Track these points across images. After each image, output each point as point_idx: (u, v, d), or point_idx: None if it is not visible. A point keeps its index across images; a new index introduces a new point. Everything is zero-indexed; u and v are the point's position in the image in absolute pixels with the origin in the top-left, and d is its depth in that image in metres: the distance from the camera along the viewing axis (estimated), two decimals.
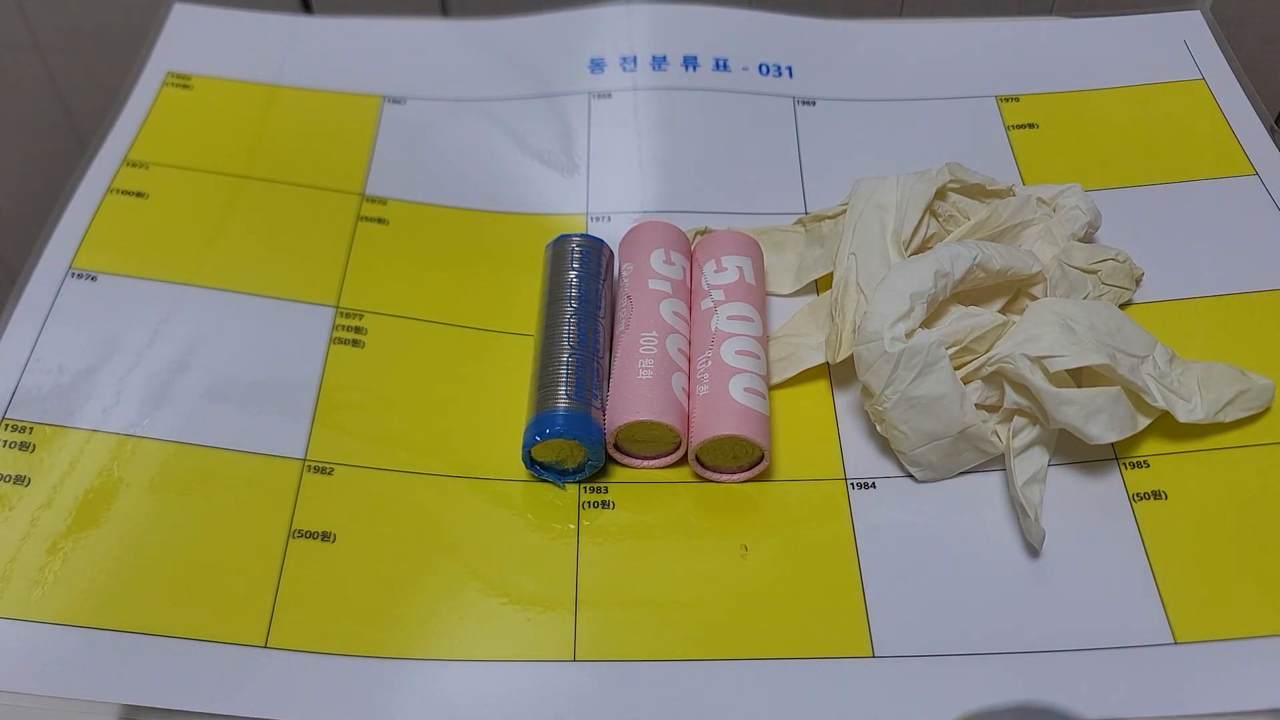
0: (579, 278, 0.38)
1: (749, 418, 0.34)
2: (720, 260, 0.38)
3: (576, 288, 0.37)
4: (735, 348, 0.36)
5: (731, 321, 0.37)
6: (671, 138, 0.45)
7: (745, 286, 0.38)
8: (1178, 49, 0.48)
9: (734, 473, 0.35)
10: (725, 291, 0.37)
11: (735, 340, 0.36)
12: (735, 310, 0.37)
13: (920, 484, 0.35)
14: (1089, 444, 0.34)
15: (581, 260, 0.38)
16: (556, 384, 0.35)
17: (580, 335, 0.36)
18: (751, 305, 0.37)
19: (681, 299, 0.38)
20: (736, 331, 0.36)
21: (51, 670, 0.31)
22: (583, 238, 0.39)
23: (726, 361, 0.35)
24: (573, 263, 0.38)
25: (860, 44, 0.49)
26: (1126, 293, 0.39)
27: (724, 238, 0.39)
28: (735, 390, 0.35)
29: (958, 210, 0.39)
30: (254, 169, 0.43)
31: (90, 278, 0.39)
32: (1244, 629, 0.32)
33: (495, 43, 0.48)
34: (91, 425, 0.36)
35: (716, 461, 0.35)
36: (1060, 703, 0.30)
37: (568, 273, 0.38)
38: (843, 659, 0.32)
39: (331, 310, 0.39)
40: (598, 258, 0.39)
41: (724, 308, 0.37)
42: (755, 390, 0.35)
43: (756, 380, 0.35)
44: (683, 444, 0.35)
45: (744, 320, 0.37)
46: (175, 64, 0.47)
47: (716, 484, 0.35)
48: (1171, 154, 0.44)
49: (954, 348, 0.35)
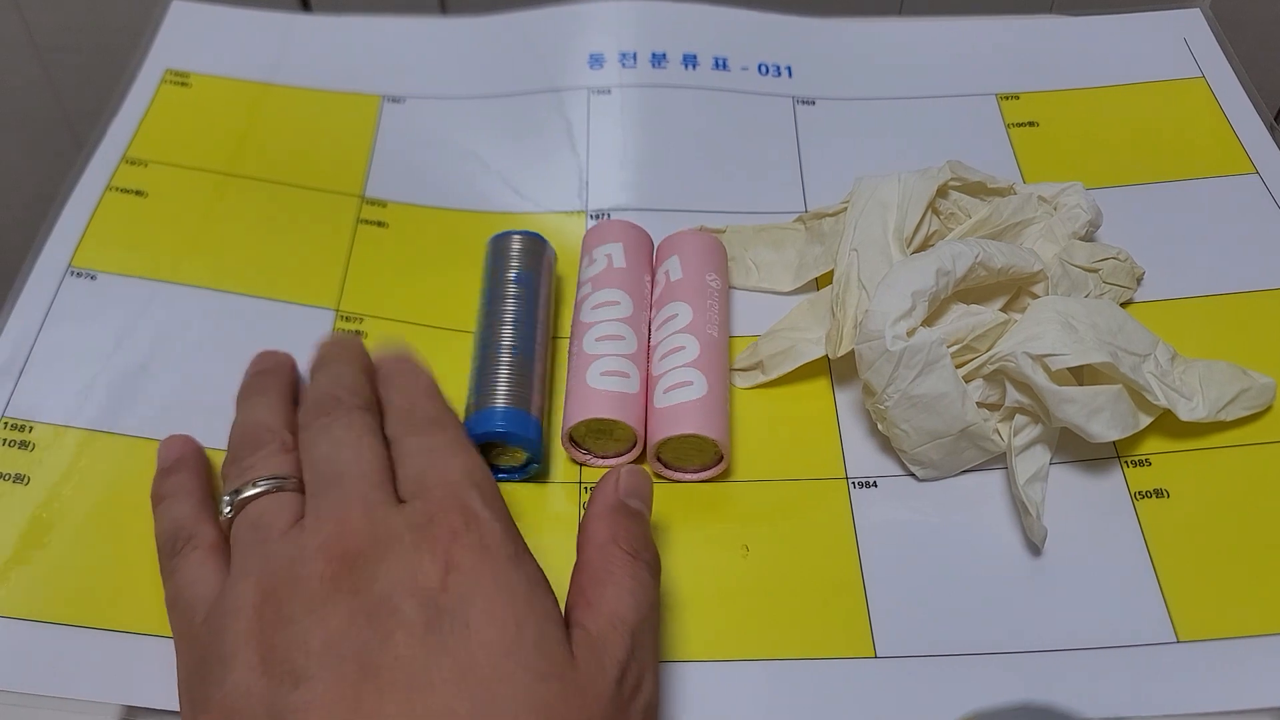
0: (517, 276, 0.38)
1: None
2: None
3: (515, 285, 0.38)
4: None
5: (595, 310, 0.37)
6: (671, 136, 0.45)
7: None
8: (1178, 47, 0.48)
9: (700, 470, 0.35)
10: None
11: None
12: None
13: (922, 483, 0.35)
14: (1091, 442, 0.33)
15: (522, 259, 0.38)
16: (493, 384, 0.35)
17: (515, 335, 0.36)
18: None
19: (611, 287, 0.38)
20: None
21: (52, 670, 0.31)
22: (524, 235, 0.39)
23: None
24: (511, 261, 0.38)
25: (860, 43, 0.49)
26: (1128, 291, 0.39)
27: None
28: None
29: (959, 208, 0.39)
30: (252, 168, 0.43)
31: (89, 276, 0.39)
32: (1247, 627, 0.32)
33: (494, 39, 0.48)
34: (90, 424, 0.35)
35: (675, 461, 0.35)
36: (1062, 702, 0.30)
37: (507, 271, 0.38)
38: (845, 659, 0.31)
39: (332, 313, 0.39)
40: (539, 256, 0.39)
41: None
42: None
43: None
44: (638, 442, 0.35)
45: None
46: (174, 61, 0.47)
47: (718, 485, 0.35)
48: (1172, 152, 0.44)
49: (955, 346, 0.35)
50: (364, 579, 0.26)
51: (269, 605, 0.27)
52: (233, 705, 0.25)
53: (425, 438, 0.30)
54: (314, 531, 0.28)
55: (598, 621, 0.27)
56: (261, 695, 0.25)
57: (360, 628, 0.25)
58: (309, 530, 0.28)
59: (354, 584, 0.26)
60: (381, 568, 0.26)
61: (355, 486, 0.29)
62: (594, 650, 0.26)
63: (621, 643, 0.27)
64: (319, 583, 0.26)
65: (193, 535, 0.31)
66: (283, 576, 0.27)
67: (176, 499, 0.32)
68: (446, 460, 0.30)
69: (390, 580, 0.26)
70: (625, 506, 0.30)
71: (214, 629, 0.27)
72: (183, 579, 0.30)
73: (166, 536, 0.31)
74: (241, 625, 0.26)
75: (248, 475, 0.30)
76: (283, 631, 0.26)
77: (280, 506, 0.29)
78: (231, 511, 0.30)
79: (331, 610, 0.26)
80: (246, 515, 0.29)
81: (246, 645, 0.26)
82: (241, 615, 0.27)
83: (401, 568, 0.26)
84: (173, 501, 0.32)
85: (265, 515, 0.29)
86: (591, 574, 0.29)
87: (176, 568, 0.30)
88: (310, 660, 0.25)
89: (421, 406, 0.32)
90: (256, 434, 0.32)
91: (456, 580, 0.26)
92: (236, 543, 0.29)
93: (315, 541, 0.27)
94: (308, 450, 0.30)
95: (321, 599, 0.26)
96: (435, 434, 0.31)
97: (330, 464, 0.29)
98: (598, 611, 0.28)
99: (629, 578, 0.28)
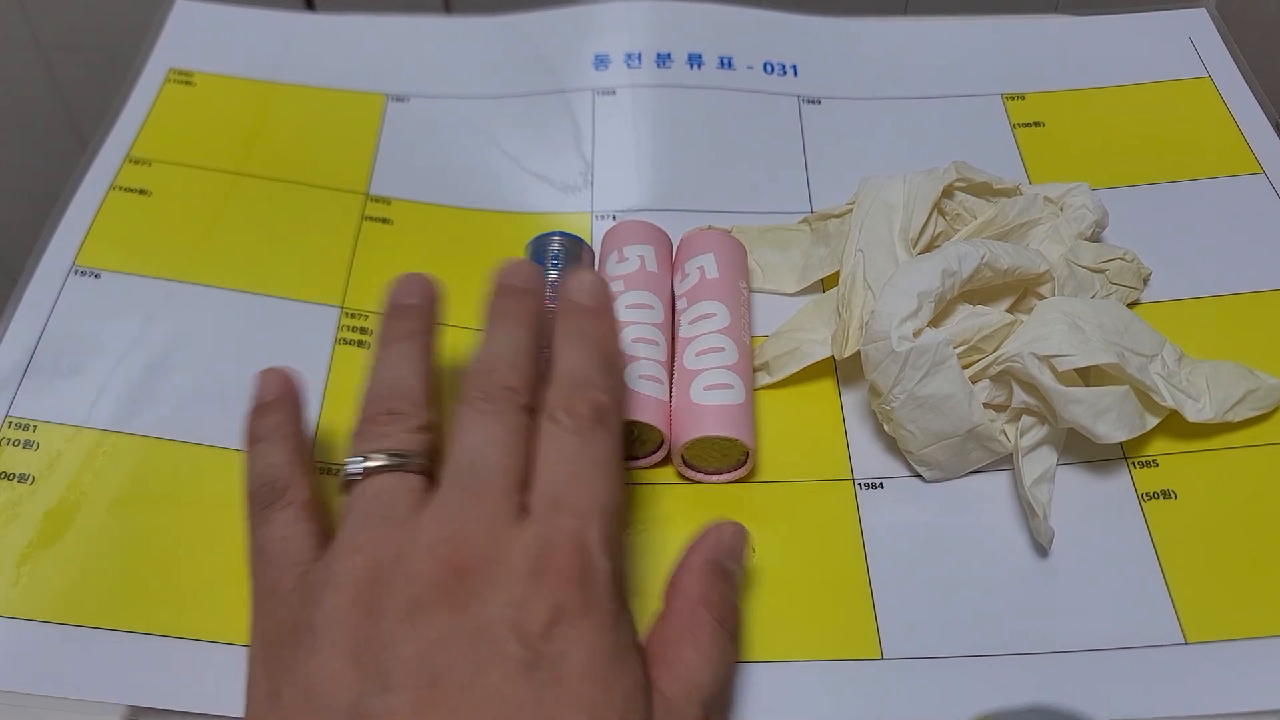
0: (560, 278, 0.38)
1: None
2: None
3: (555, 288, 0.37)
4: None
5: (630, 310, 0.37)
6: (676, 136, 0.45)
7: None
8: (1183, 47, 0.48)
9: (719, 473, 0.35)
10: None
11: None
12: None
13: (928, 484, 0.35)
14: (1097, 443, 0.33)
15: (562, 260, 0.38)
16: None
17: None
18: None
19: (644, 289, 0.37)
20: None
21: (59, 670, 0.31)
22: (563, 236, 0.39)
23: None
24: (554, 262, 0.38)
25: (865, 43, 0.49)
26: (1134, 292, 0.39)
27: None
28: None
29: (964, 209, 0.39)
30: (257, 167, 0.43)
31: (94, 275, 0.39)
32: (1255, 629, 0.31)
33: (499, 39, 0.48)
34: (94, 424, 0.35)
35: (695, 460, 0.35)
36: (1070, 704, 0.30)
37: (547, 273, 0.38)
38: (851, 661, 0.31)
39: (337, 311, 0.39)
40: (578, 257, 0.39)
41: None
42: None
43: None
44: (663, 444, 0.35)
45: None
46: (178, 60, 0.47)
47: (721, 485, 0.35)
48: (1178, 152, 0.44)
49: (962, 347, 0.34)
50: (472, 597, 0.26)
51: (371, 591, 0.26)
52: (315, 684, 0.25)
53: (579, 437, 0.29)
54: (431, 529, 0.27)
55: (674, 686, 0.27)
56: (348, 684, 0.25)
57: (456, 649, 0.25)
58: (427, 525, 0.27)
59: (460, 599, 0.26)
60: (489, 590, 0.26)
61: (488, 493, 0.28)
62: (668, 717, 0.26)
63: (693, 714, 0.27)
64: (425, 586, 0.26)
65: (289, 488, 0.30)
66: (391, 566, 0.26)
67: (273, 443, 0.31)
68: (590, 481, 0.28)
69: (496, 608, 0.26)
70: (721, 567, 0.30)
71: (309, 597, 0.27)
72: (274, 533, 0.29)
73: (261, 483, 0.30)
74: (339, 604, 0.26)
75: (383, 443, 0.29)
76: (379, 626, 0.26)
77: (406, 489, 0.29)
78: (359, 475, 0.29)
79: (432, 620, 0.25)
80: (370, 485, 0.29)
81: (341, 626, 0.26)
82: (341, 593, 0.26)
83: (510, 599, 0.26)
84: (269, 445, 0.31)
85: (388, 493, 0.28)
86: (676, 632, 0.28)
87: (269, 519, 0.29)
88: (401, 667, 0.25)
89: (593, 386, 0.30)
90: (398, 399, 0.30)
91: (561, 630, 0.26)
92: (352, 511, 0.28)
93: (428, 540, 0.27)
94: (461, 430, 0.29)
95: (424, 604, 0.26)
96: (591, 436, 0.29)
97: (475, 459, 0.28)
98: (675, 676, 0.27)
99: (711, 646, 0.28)
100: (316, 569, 0.28)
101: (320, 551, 0.28)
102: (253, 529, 0.30)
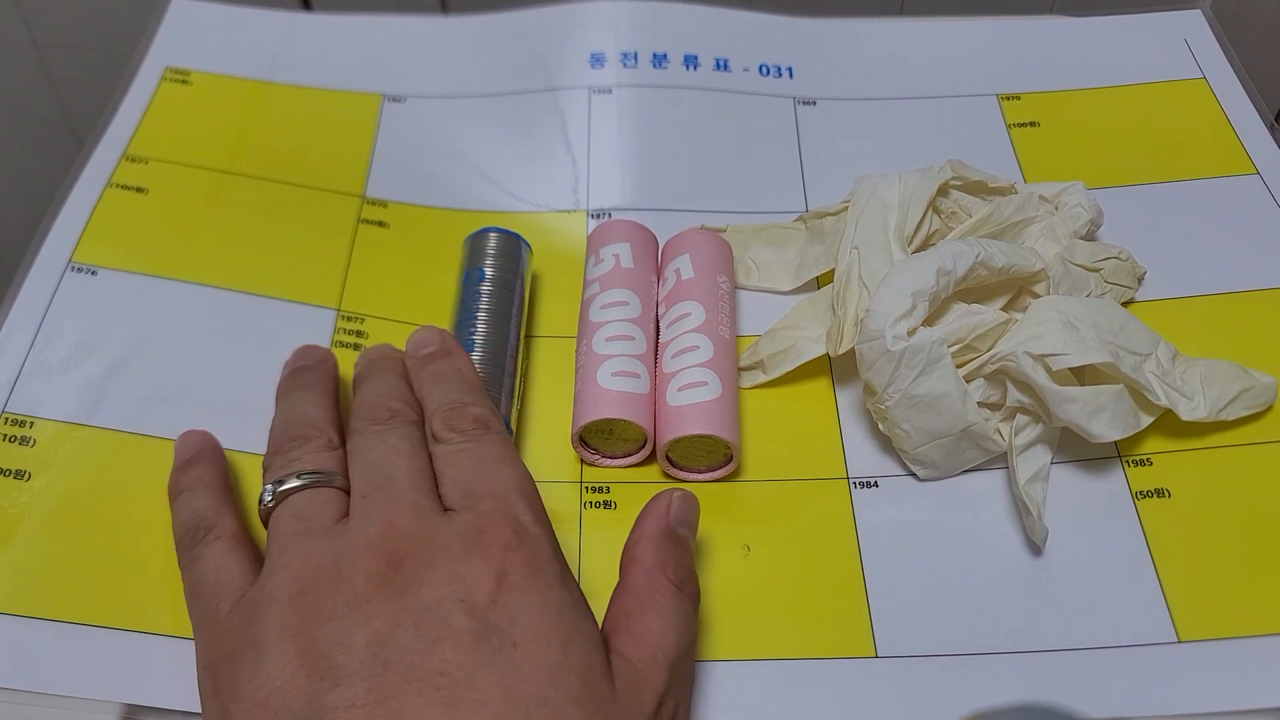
0: (494, 272, 0.38)
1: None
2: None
3: (487, 283, 0.37)
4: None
5: (604, 309, 0.37)
6: (672, 136, 0.45)
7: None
8: (1178, 48, 0.48)
9: (709, 470, 0.35)
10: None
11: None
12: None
13: (923, 483, 0.35)
14: (1092, 442, 0.33)
15: (498, 256, 0.38)
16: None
17: (486, 335, 0.36)
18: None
19: (619, 287, 0.37)
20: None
21: (51, 667, 0.31)
22: (499, 232, 0.39)
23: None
24: (490, 255, 0.38)
25: (861, 43, 0.49)
26: (1129, 291, 0.39)
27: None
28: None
29: (960, 207, 0.39)
30: (253, 167, 0.43)
31: (90, 272, 0.39)
32: (1248, 627, 0.31)
33: (495, 39, 0.48)
34: (90, 421, 0.35)
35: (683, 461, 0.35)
36: (1063, 702, 0.30)
37: (483, 269, 0.38)
38: (845, 659, 0.31)
39: (333, 313, 0.39)
40: (515, 255, 0.39)
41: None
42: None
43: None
44: (647, 442, 0.35)
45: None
46: (174, 59, 0.47)
47: (719, 485, 0.35)
48: (1172, 153, 0.44)
49: (956, 346, 0.35)
50: (411, 582, 0.26)
51: (308, 598, 0.26)
52: (266, 696, 0.25)
53: (473, 443, 0.30)
54: (361, 529, 0.28)
55: (639, 652, 0.27)
56: (300, 689, 0.25)
57: (406, 632, 0.25)
58: (355, 527, 0.28)
59: (400, 586, 0.26)
60: (430, 574, 0.26)
61: (405, 491, 0.28)
62: (634, 682, 0.26)
63: (661, 676, 0.27)
64: (364, 580, 0.26)
65: (214, 525, 0.30)
66: (326, 570, 0.27)
67: (196, 491, 0.32)
68: (496, 470, 0.29)
69: (439, 587, 0.26)
70: (674, 534, 0.30)
71: (246, 618, 0.27)
72: (205, 567, 0.29)
73: (186, 527, 0.31)
74: (278, 616, 0.26)
75: (292, 467, 0.30)
76: (324, 626, 0.26)
77: (324, 502, 0.29)
78: (273, 501, 0.29)
79: (376, 610, 0.26)
80: (288, 506, 0.29)
81: (283, 637, 0.26)
82: (278, 605, 0.26)
83: (451, 576, 0.26)
84: (192, 494, 0.32)
85: (308, 508, 0.29)
86: (635, 600, 0.29)
87: (198, 556, 0.30)
88: (352, 659, 0.25)
89: (466, 405, 0.32)
90: (302, 428, 0.32)
91: (507, 596, 0.26)
92: (275, 533, 0.29)
93: (363, 539, 0.27)
94: (359, 453, 0.30)
95: (366, 597, 0.26)
96: (482, 439, 0.30)
97: (382, 469, 0.29)
98: (639, 641, 0.27)
99: (673, 610, 0.28)
100: (251, 592, 0.28)
101: (254, 577, 0.29)
102: (185, 570, 0.30)
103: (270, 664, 0.25)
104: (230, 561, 0.29)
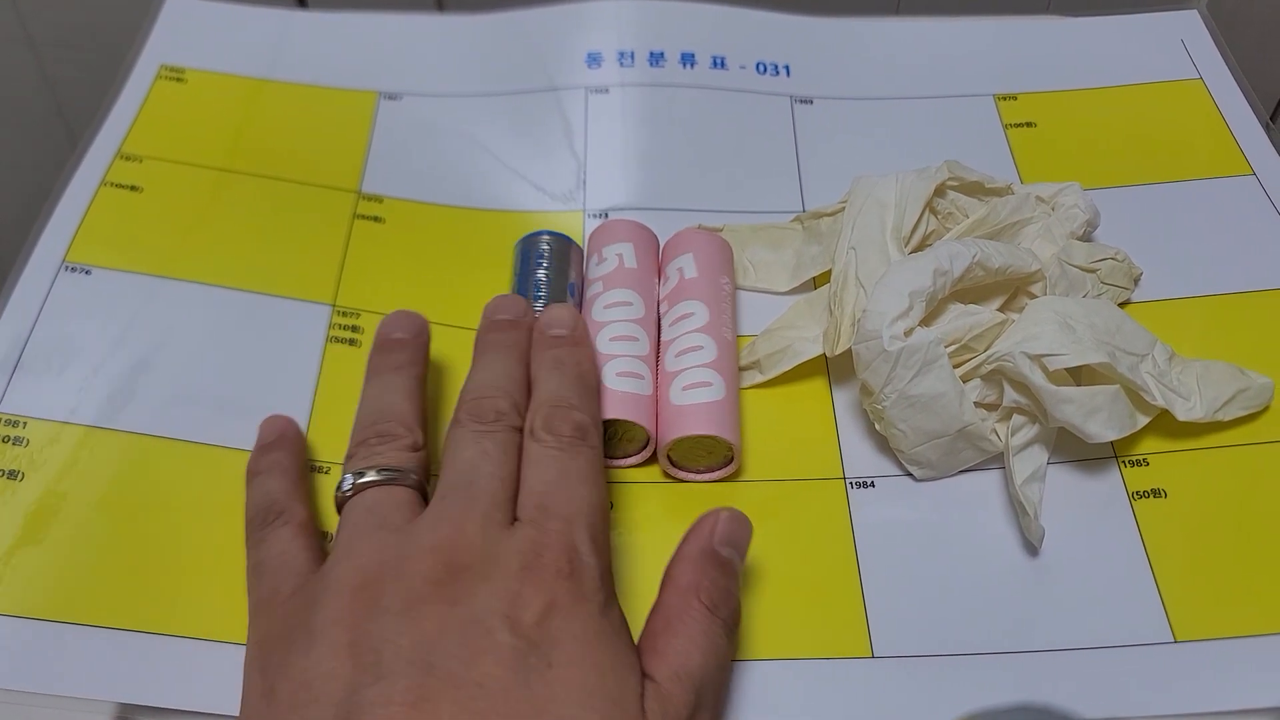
0: (548, 276, 0.38)
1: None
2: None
3: (544, 287, 0.37)
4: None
5: (608, 309, 0.37)
6: (669, 135, 0.45)
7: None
8: (1175, 48, 0.48)
9: (709, 470, 0.35)
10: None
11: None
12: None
13: (919, 483, 0.35)
14: (1088, 442, 0.33)
15: (550, 259, 0.38)
16: None
17: None
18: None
19: (622, 287, 0.37)
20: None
21: (47, 668, 0.30)
22: (552, 235, 0.39)
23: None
24: (540, 260, 0.38)
25: (858, 43, 0.49)
26: (1125, 291, 0.39)
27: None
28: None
29: (956, 208, 0.39)
30: (248, 164, 0.43)
31: (84, 271, 0.39)
32: (1244, 627, 0.32)
33: (492, 36, 0.48)
34: (85, 421, 0.35)
35: (683, 461, 0.35)
36: (1059, 702, 0.30)
37: (535, 271, 0.38)
38: (841, 659, 0.31)
39: (328, 309, 0.39)
40: (565, 256, 0.39)
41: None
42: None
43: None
44: (649, 442, 0.35)
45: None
46: (169, 57, 0.46)
47: (711, 484, 0.35)
48: (1169, 153, 0.44)
49: (953, 346, 0.35)
50: (465, 592, 0.27)
51: (368, 591, 0.27)
52: (312, 679, 0.26)
53: (564, 453, 0.30)
54: (430, 531, 0.28)
55: (662, 672, 0.27)
56: (344, 678, 0.25)
57: (452, 640, 0.26)
58: (425, 528, 0.28)
59: (454, 594, 0.27)
60: (484, 587, 0.27)
61: (481, 500, 0.29)
62: (660, 704, 0.27)
63: (684, 698, 0.27)
64: (422, 582, 0.27)
65: (285, 510, 0.31)
66: (389, 567, 0.27)
67: (272, 474, 0.33)
68: (575, 489, 0.29)
69: (490, 601, 0.26)
70: (716, 555, 0.30)
71: (307, 601, 0.28)
72: (271, 549, 0.30)
73: (258, 509, 0.32)
74: (337, 604, 0.27)
75: (374, 460, 0.31)
76: (375, 621, 0.26)
77: (398, 501, 0.30)
78: (351, 490, 0.30)
79: (428, 613, 0.26)
80: (363, 499, 0.30)
81: (338, 625, 0.26)
82: (340, 595, 0.27)
83: (503, 593, 0.27)
84: (268, 477, 0.33)
85: (382, 505, 0.30)
86: (665, 621, 0.29)
87: (266, 538, 0.31)
88: (398, 658, 0.26)
89: (572, 408, 0.32)
90: (390, 423, 0.32)
91: (551, 620, 0.26)
92: (347, 522, 0.30)
93: (429, 541, 0.28)
94: (453, 448, 0.30)
95: (420, 599, 0.27)
96: (574, 451, 0.30)
97: (468, 471, 0.30)
98: (663, 661, 0.28)
99: (701, 634, 0.29)
100: (314, 578, 0.29)
101: (317, 565, 0.29)
102: (251, 548, 0.31)
103: (321, 649, 0.26)
104: (296, 548, 0.30)
